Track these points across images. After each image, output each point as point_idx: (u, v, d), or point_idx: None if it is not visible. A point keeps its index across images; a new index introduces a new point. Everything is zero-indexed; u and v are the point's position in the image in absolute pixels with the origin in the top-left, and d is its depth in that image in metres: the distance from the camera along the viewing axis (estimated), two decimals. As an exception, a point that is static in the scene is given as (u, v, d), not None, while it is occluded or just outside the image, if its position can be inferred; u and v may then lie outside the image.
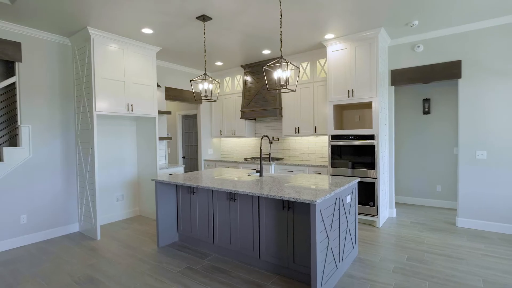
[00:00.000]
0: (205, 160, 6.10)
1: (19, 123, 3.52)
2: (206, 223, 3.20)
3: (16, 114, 3.58)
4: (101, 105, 3.71)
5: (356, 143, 4.01)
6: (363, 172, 3.99)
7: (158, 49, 4.38)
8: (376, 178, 3.89)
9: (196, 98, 3.34)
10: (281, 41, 2.75)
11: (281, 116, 5.16)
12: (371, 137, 3.91)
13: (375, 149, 3.88)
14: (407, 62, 4.19)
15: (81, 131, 3.88)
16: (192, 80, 3.19)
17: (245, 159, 5.47)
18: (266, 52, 4.76)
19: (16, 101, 3.55)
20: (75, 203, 4.03)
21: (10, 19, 3.30)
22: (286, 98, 5.09)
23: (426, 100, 4.94)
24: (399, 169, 5.30)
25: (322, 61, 4.68)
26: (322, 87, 4.68)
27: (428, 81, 4.03)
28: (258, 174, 3.53)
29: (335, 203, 2.44)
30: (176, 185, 3.43)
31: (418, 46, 4.04)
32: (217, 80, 3.43)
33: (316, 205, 2.07)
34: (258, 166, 5.07)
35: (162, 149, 5.26)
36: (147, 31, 3.72)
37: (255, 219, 2.76)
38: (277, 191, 2.37)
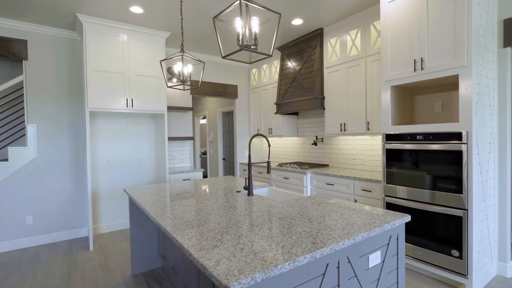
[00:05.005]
0: (240, 163, 5.26)
1: (25, 123, 3.46)
2: (177, 252, 2.34)
3: (24, 114, 3.55)
4: (94, 101, 3.31)
5: (433, 147, 2.40)
6: (440, 198, 2.36)
7: (166, 34, 3.76)
8: (466, 210, 2.22)
9: (168, 86, 2.52)
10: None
11: (324, 108, 3.84)
12: (457, 136, 2.26)
13: (464, 158, 2.21)
14: (540, 0, 2.30)
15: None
16: (162, 60, 2.37)
17: (279, 164, 4.36)
18: (297, 22, 3.53)
19: (23, 101, 3.51)
20: (85, 206, 3.81)
21: (15, 17, 3.21)
22: (330, 83, 3.73)
23: None
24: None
25: (378, 24, 3.15)
26: (378, 61, 3.16)
27: None
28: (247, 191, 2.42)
29: (324, 274, 1.18)
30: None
31: None
32: (199, 59, 2.51)
33: (237, 294, 0.91)
34: (293, 174, 3.89)
35: (186, 149, 4.69)
36: (136, 9, 3.11)
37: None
38: (199, 243, 1.28)
